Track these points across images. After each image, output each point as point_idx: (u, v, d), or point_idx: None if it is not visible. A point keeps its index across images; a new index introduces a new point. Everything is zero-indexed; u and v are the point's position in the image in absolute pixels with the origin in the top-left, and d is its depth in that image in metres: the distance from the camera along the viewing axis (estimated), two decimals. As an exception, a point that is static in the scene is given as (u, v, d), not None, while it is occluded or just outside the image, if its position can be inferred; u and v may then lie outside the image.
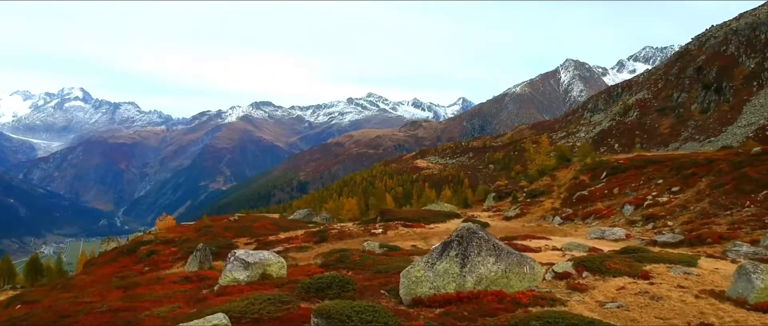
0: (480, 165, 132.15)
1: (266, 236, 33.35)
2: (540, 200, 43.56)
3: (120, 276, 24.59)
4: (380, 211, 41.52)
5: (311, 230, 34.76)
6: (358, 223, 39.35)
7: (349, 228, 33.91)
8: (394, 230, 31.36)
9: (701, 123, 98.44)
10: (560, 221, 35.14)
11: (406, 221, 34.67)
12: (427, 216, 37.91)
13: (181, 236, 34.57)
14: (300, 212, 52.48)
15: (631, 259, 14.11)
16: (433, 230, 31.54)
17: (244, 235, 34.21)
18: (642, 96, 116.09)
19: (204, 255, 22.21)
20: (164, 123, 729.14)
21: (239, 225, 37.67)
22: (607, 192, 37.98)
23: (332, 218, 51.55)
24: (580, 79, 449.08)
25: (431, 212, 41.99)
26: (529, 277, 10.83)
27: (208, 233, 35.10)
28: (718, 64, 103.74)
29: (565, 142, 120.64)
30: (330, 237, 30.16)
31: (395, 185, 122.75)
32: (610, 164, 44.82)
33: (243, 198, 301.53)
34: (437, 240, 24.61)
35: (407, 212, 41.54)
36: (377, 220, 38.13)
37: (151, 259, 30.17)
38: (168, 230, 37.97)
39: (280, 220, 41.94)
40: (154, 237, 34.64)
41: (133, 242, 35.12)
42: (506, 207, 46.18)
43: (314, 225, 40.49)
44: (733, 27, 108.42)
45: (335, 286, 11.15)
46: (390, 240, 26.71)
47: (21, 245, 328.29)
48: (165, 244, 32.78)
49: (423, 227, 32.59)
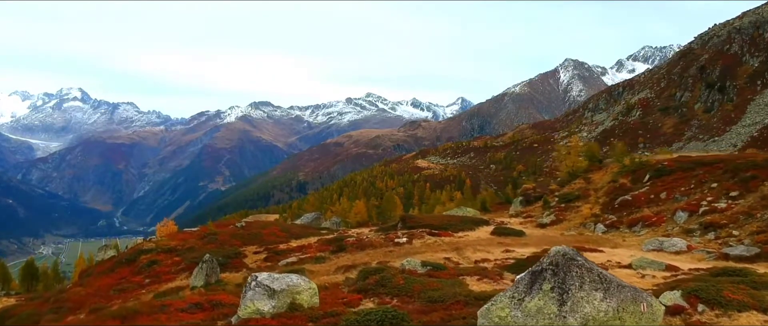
0: (481, 165, 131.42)
1: (276, 245, 31.37)
2: (576, 205, 40.21)
3: (118, 288, 23.33)
4: (401, 217, 38.34)
5: (325, 237, 32.72)
6: (375, 230, 36.92)
7: (368, 237, 31.67)
8: (419, 239, 28.87)
9: (705, 122, 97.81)
10: (603, 229, 32.61)
11: (432, 229, 31.92)
12: (453, 223, 34.86)
13: (183, 245, 32.38)
14: (307, 216, 50.24)
15: (745, 285, 11.72)
16: (463, 239, 28.94)
17: (252, 243, 32.16)
18: (644, 95, 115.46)
19: (210, 267, 20.94)
20: (163, 123, 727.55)
21: (247, 232, 35.24)
22: (653, 197, 34.96)
23: (342, 222, 49.03)
24: (579, 79, 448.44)
25: (455, 218, 39.18)
26: (647, 317, 8.49)
27: (214, 241, 32.94)
28: (722, 63, 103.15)
29: (567, 142, 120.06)
30: (348, 246, 28.13)
31: (396, 185, 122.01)
32: (652, 165, 41.28)
33: (242, 198, 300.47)
34: (471, 252, 23.17)
35: (430, 218, 37.83)
36: (398, 227, 35.45)
37: (151, 270, 28.19)
38: (170, 237, 34.86)
39: (290, 226, 39.41)
40: (155, 245, 32.42)
41: (133, 251, 32.72)
42: (537, 213, 42.94)
43: (327, 231, 38.24)
44: (737, 26, 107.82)
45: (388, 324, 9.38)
46: (417, 251, 24.49)
47: (19, 245, 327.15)
48: (167, 253, 30.82)
49: (451, 236, 30.03)
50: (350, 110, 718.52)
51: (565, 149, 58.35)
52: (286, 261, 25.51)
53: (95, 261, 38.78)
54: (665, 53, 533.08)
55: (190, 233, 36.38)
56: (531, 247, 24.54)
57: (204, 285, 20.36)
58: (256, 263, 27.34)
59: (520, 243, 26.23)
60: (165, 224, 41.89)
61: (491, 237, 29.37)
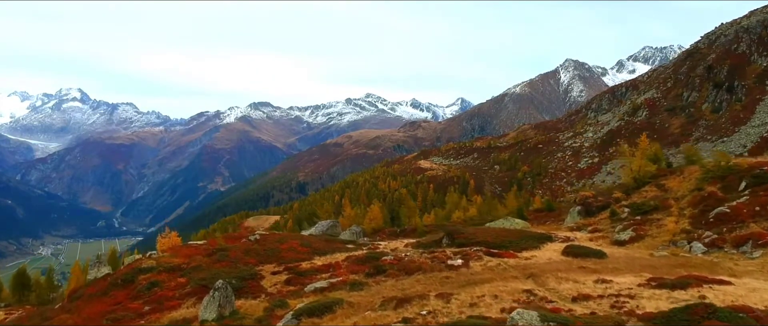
0: (485, 166, 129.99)
1: (298, 263, 27.07)
2: (655, 218, 33.88)
3: (112, 318, 20.35)
4: (447, 232, 32.61)
5: (354, 254, 28.31)
6: (413, 244, 31.97)
7: (408, 255, 27.05)
8: (477, 261, 24.12)
9: (713, 123, 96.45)
10: (703, 249, 27.18)
11: (489, 247, 27.00)
12: (512, 240, 29.41)
13: (189, 262, 27.91)
14: (322, 223, 44.93)
15: None
16: (531, 262, 24.10)
17: (269, 261, 27.97)
18: (651, 95, 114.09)
19: (224, 296, 18.42)
20: (162, 124, 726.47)
21: (263, 247, 30.64)
22: (758, 209, 29.49)
23: (364, 231, 43.94)
24: (579, 80, 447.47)
25: (509, 232, 33.57)
26: None
27: (224, 258, 28.47)
28: (730, 63, 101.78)
29: (572, 143, 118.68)
30: (387, 267, 23.61)
31: (399, 186, 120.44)
32: (745, 170, 35.39)
33: (241, 199, 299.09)
34: (555, 282, 18.68)
35: (482, 233, 32.17)
36: (443, 242, 30.68)
37: (152, 293, 24.18)
38: (173, 253, 30.31)
39: (311, 240, 33.77)
40: (156, 263, 27.93)
41: (130, 270, 27.98)
42: (605, 226, 36.33)
43: (353, 245, 33.09)
44: (744, 25, 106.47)
45: None
46: (481, 279, 19.83)
47: (18, 246, 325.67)
48: (170, 272, 26.69)
49: (515, 257, 25.18)
50: (350, 110, 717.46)
51: (629, 150, 50.65)
52: (313, 287, 21.77)
53: (87, 278, 32.76)
54: (665, 54, 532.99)
55: (196, 247, 31.92)
56: (626, 274, 19.84)
57: (216, 318, 18.21)
58: (277, 286, 23.61)
59: (609, 269, 21.45)
60: (167, 234, 37.33)
61: (566, 259, 24.64)
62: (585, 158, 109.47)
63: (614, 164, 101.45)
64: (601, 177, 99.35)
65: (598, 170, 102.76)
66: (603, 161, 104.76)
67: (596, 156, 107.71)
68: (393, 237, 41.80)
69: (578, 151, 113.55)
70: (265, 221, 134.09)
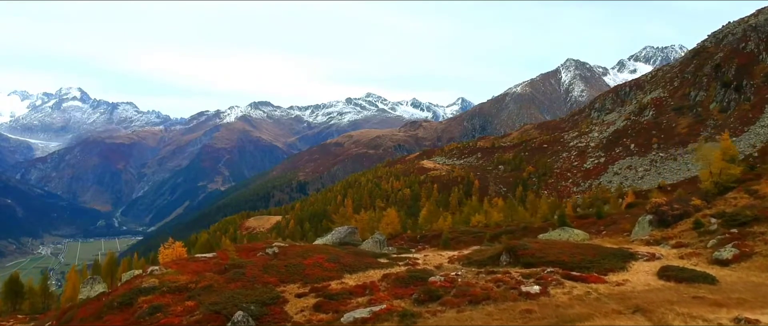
0: (489, 166, 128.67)
1: (327, 283, 23.16)
2: (757, 231, 28.10)
3: None
4: (507, 247, 27.02)
5: (391, 271, 24.53)
6: (459, 261, 27.61)
7: (463, 275, 22.67)
8: (557, 287, 19.60)
9: (721, 122, 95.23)
10: None
11: (566, 269, 22.32)
12: (590, 257, 24.46)
13: (198, 281, 23.64)
14: (339, 230, 40.40)
15: None
16: (625, 287, 19.71)
17: (292, 280, 23.93)
18: (657, 95, 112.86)
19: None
20: (162, 123, 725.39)
21: (283, 263, 26.38)
22: None
23: (386, 239, 39.40)
24: (581, 79, 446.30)
25: (577, 246, 28.36)
26: None
27: (239, 276, 24.09)
28: (738, 62, 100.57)
29: (578, 142, 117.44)
30: (441, 293, 19.59)
31: (402, 186, 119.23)
32: None
33: (242, 199, 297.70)
34: (675, 319, 14.57)
35: (549, 248, 26.56)
36: (503, 260, 25.98)
37: (154, 320, 20.24)
38: (178, 268, 26.21)
39: (338, 253, 29.17)
40: (159, 282, 23.65)
41: (129, 290, 23.65)
42: (690, 240, 29.92)
43: (386, 260, 28.77)
44: (752, 23, 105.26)
45: None
46: (575, 315, 15.84)
47: (18, 246, 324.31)
48: (175, 293, 22.54)
49: (602, 281, 20.69)
50: (350, 110, 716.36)
51: (707, 150, 43.59)
52: (352, 317, 18.06)
53: (79, 297, 28.26)
54: (667, 53, 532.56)
55: (205, 261, 27.85)
56: (764, 309, 15.63)
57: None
58: (304, 314, 19.93)
59: (733, 300, 16.81)
60: (170, 244, 33.13)
61: (668, 285, 20.14)
62: (591, 158, 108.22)
63: (621, 164, 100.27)
64: (608, 177, 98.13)
65: (605, 170, 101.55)
66: (609, 161, 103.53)
67: (602, 156, 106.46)
68: (413, 243, 38.76)
69: (584, 151, 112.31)
70: (266, 221, 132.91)
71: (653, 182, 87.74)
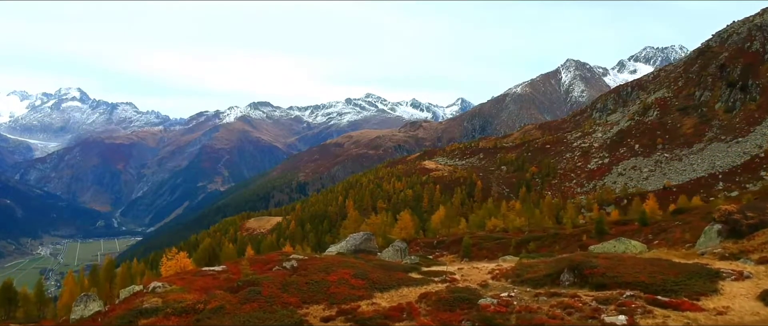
0: (491, 166, 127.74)
1: (356, 303, 20.11)
2: None
3: None
4: (570, 264, 22.59)
5: (432, 291, 21.18)
6: (508, 277, 23.89)
7: (518, 297, 19.61)
8: (646, 317, 16.06)
9: (727, 123, 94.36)
10: None
11: (648, 292, 18.54)
12: (671, 278, 20.32)
13: (207, 301, 20.52)
14: (354, 236, 37.79)
15: None
16: (728, 317, 16.15)
17: (316, 300, 20.96)
18: (661, 95, 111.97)
19: None
20: (162, 124, 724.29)
21: (304, 279, 23.27)
22: None
23: (408, 247, 36.44)
24: (581, 80, 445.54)
25: (651, 263, 23.22)
26: None
27: (255, 296, 20.95)
28: (743, 62, 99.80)
29: (581, 143, 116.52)
30: (498, 319, 16.48)
31: (404, 187, 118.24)
32: None
33: (241, 199, 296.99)
34: None
35: (621, 266, 22.15)
36: (565, 280, 21.79)
37: None
38: (184, 284, 23.08)
39: (366, 268, 26.01)
40: (162, 301, 20.59)
41: (128, 311, 20.33)
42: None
43: (418, 274, 25.89)
44: (757, 23, 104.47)
45: None
46: None
47: (17, 246, 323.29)
48: (181, 316, 19.32)
49: (698, 308, 16.92)
50: (350, 110, 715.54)
51: None
52: None
53: (71, 317, 24.83)
54: (667, 54, 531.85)
55: (214, 276, 24.80)
56: None
57: None
58: None
59: None
60: (173, 254, 30.04)
61: None
62: (595, 158, 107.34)
63: (625, 164, 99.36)
64: (613, 178, 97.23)
65: (609, 170, 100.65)
66: (613, 161, 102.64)
67: (606, 157, 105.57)
68: (429, 249, 36.59)
69: (587, 151, 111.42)
70: (266, 222, 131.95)
71: (658, 183, 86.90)
